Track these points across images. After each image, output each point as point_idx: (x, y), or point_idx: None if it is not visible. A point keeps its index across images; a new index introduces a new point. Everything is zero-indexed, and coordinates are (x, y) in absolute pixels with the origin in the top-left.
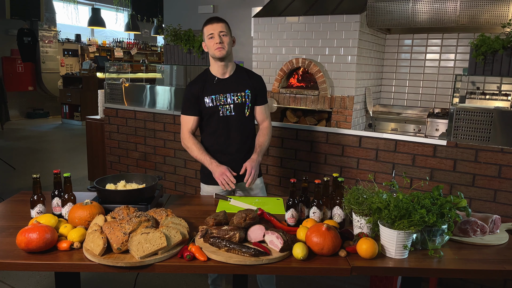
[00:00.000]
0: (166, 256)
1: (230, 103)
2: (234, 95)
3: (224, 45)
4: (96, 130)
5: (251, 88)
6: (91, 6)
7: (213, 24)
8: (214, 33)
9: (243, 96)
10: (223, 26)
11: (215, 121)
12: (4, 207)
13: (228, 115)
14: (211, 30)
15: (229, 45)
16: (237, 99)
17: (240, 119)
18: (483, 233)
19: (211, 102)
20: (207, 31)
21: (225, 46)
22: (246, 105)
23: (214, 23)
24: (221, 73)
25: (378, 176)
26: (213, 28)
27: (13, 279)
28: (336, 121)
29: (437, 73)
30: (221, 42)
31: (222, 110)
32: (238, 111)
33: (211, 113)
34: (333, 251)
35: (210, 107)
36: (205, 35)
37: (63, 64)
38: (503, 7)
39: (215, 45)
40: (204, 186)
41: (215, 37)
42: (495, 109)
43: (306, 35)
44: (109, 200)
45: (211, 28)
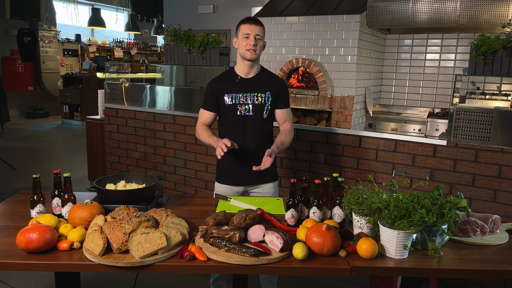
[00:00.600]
0: (166, 256)
1: (249, 103)
2: (254, 95)
3: (257, 48)
4: (96, 130)
5: (272, 90)
6: (91, 6)
7: (251, 25)
8: (251, 34)
9: (263, 97)
10: (260, 30)
11: (233, 119)
12: (4, 207)
13: (246, 114)
14: (248, 30)
15: (260, 49)
16: (256, 100)
17: (258, 120)
18: (483, 233)
19: (230, 100)
20: (243, 30)
21: (257, 50)
22: (265, 107)
23: (253, 24)
24: (245, 72)
25: (378, 176)
26: (251, 29)
27: (13, 279)
28: (336, 121)
29: (437, 73)
30: (255, 45)
31: (240, 109)
32: (257, 112)
33: (229, 111)
34: (333, 251)
35: (228, 105)
36: (240, 32)
37: (63, 64)
38: (503, 7)
39: (248, 46)
40: (218, 185)
41: (250, 38)
42: (495, 109)
43: (306, 35)
44: (109, 200)
45: (248, 28)
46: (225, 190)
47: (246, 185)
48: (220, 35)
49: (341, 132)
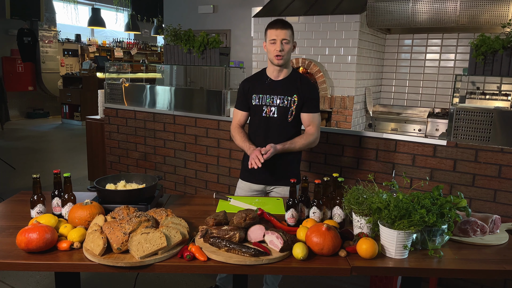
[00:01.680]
0: (166, 256)
1: (275, 105)
2: (281, 98)
3: (284, 53)
4: (96, 130)
5: (299, 94)
6: (91, 6)
7: (277, 29)
8: (277, 40)
9: (289, 100)
10: (287, 34)
11: (258, 120)
12: (4, 207)
13: (270, 116)
14: (274, 35)
15: (288, 53)
16: (282, 103)
17: (282, 122)
18: (483, 233)
19: (257, 100)
20: (270, 35)
21: (284, 55)
22: (290, 110)
23: (279, 28)
24: (275, 75)
25: (378, 176)
26: (277, 34)
27: (13, 279)
28: (336, 121)
29: (437, 73)
30: (282, 50)
31: (266, 111)
32: (281, 114)
33: (256, 111)
34: (333, 251)
35: (255, 106)
36: (267, 37)
37: (63, 64)
38: (503, 7)
39: (275, 52)
40: (240, 181)
41: (277, 43)
42: (495, 109)
43: (306, 35)
44: (109, 200)
45: (274, 33)
46: (245, 187)
47: (265, 184)
48: (220, 35)
49: (341, 132)
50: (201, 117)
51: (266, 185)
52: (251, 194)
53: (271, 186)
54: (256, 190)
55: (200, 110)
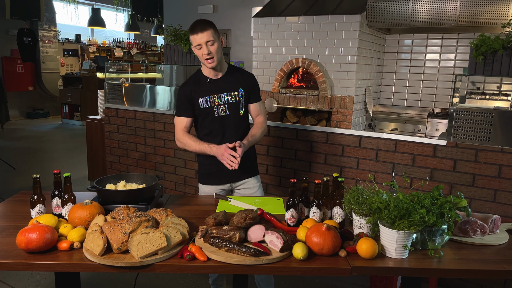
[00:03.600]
0: (166, 256)
1: (225, 102)
2: (228, 94)
3: (213, 54)
4: (96, 130)
5: (244, 86)
6: (91, 6)
7: (198, 34)
8: (201, 44)
9: (236, 95)
10: (209, 34)
11: (210, 121)
12: (4, 207)
13: (223, 115)
14: (198, 41)
15: (218, 52)
16: (231, 99)
17: (235, 118)
18: (483, 233)
19: (205, 103)
20: (193, 41)
21: (214, 56)
22: (240, 104)
23: (199, 32)
24: (213, 74)
25: (378, 176)
26: (199, 38)
27: (13, 279)
28: (336, 121)
29: (437, 73)
30: (210, 53)
31: (217, 111)
32: (233, 111)
33: (206, 113)
34: (333, 251)
35: (204, 108)
36: (192, 44)
37: (63, 64)
38: (503, 7)
39: (204, 56)
40: (202, 186)
41: (203, 48)
42: (495, 109)
43: (306, 35)
44: (109, 200)
45: (197, 38)
46: (211, 191)
47: (230, 182)
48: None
49: (341, 132)
50: None
51: (231, 183)
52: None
53: (235, 183)
54: (223, 190)
55: None
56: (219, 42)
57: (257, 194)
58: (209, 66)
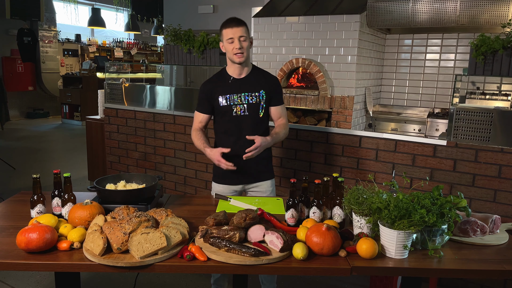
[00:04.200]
0: (166, 256)
1: (244, 103)
2: (249, 95)
3: (244, 50)
4: (96, 130)
5: (266, 88)
6: (91, 6)
7: (233, 28)
8: (234, 38)
9: (257, 96)
10: (243, 30)
11: (228, 120)
12: (4, 207)
13: (241, 115)
14: (231, 34)
15: (247, 49)
16: (251, 99)
17: (253, 119)
18: (483, 233)
19: (225, 101)
20: (226, 34)
21: (244, 51)
22: (260, 106)
23: (234, 27)
24: (237, 73)
25: (378, 176)
26: (233, 32)
27: (13, 279)
28: (336, 121)
29: (437, 73)
30: (241, 47)
31: (236, 110)
32: (252, 112)
33: (224, 112)
34: (333, 251)
35: (224, 106)
36: (223, 37)
37: (63, 64)
38: (503, 7)
39: (235, 50)
40: (215, 185)
41: (235, 42)
42: (495, 109)
43: (306, 35)
44: (109, 200)
45: (230, 32)
46: (223, 190)
47: (244, 183)
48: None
49: (341, 132)
50: None
51: (244, 184)
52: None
53: (249, 185)
54: (235, 191)
55: None
56: (249, 41)
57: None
58: (237, 60)
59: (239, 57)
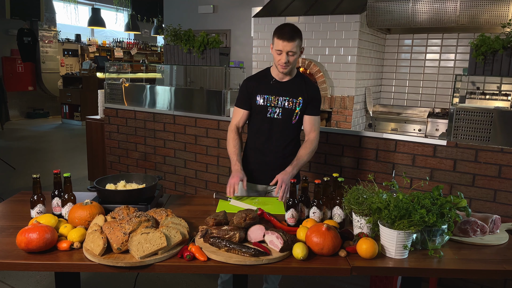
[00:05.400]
0: (166, 256)
1: (280, 106)
2: (286, 100)
3: (289, 64)
4: (96, 130)
5: (304, 96)
6: (91, 6)
7: (284, 41)
8: (283, 51)
9: (294, 102)
10: (294, 45)
11: (261, 120)
12: (4, 207)
13: (275, 117)
14: (281, 47)
15: (294, 62)
16: (287, 104)
17: (285, 124)
18: (483, 233)
19: (262, 101)
20: (276, 45)
21: (289, 65)
22: (295, 112)
23: (286, 41)
24: (280, 76)
25: (378, 176)
26: (283, 46)
27: (13, 279)
28: (336, 121)
29: (437, 73)
30: (287, 62)
31: (271, 111)
32: (286, 116)
33: (259, 111)
34: (333, 251)
35: (260, 106)
36: (274, 44)
37: (63, 64)
38: (503, 7)
39: (280, 63)
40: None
41: (282, 55)
42: (495, 109)
43: (306, 35)
44: (109, 200)
45: (281, 44)
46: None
47: (267, 184)
48: (220, 35)
49: (341, 132)
50: (201, 117)
51: (268, 185)
52: (252, 194)
53: (272, 187)
54: (257, 191)
55: (200, 110)
56: (299, 53)
57: None
58: (281, 71)
59: (283, 68)
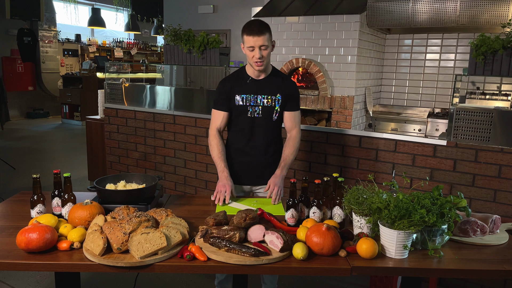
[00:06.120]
0: (166, 256)
1: (260, 104)
2: (265, 97)
3: (264, 59)
4: (96, 130)
5: (283, 92)
6: (91, 6)
7: (254, 36)
8: (255, 47)
9: (273, 99)
10: (265, 39)
11: (242, 120)
12: (4, 207)
13: (255, 116)
14: (252, 43)
15: (268, 56)
16: (267, 102)
17: (266, 122)
18: (483, 233)
19: (241, 101)
20: (247, 42)
21: (264, 60)
22: (275, 109)
23: (256, 36)
24: (256, 75)
25: (378, 176)
26: (254, 41)
27: (13, 279)
28: (336, 121)
29: (437, 73)
30: (261, 57)
31: (251, 111)
32: (266, 114)
33: (240, 112)
34: (333, 251)
35: (239, 106)
36: (244, 43)
37: (63, 64)
38: (503, 7)
39: (255, 59)
40: None
41: (255, 51)
42: (495, 109)
43: (306, 35)
44: (109, 200)
45: (252, 40)
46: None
47: (252, 184)
48: (220, 35)
49: (341, 132)
50: (201, 117)
51: (252, 185)
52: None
53: (256, 187)
54: (242, 190)
55: (200, 110)
56: (271, 47)
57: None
58: (257, 68)
59: (258, 65)
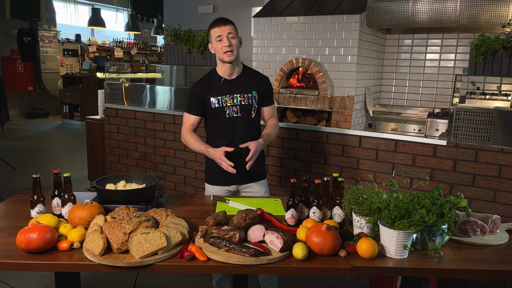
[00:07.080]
0: (166, 256)
1: (237, 104)
2: (241, 96)
3: (233, 47)
4: (96, 130)
5: (257, 89)
6: (91, 6)
7: (221, 26)
8: (223, 35)
9: (249, 97)
10: (231, 28)
11: (221, 122)
12: (4, 207)
13: (234, 116)
14: (219, 32)
15: (237, 47)
16: (243, 100)
17: (246, 120)
18: (483, 233)
19: (217, 103)
20: (214, 33)
21: (234, 49)
22: (253, 107)
23: (222, 25)
24: (228, 74)
25: (378, 176)
26: (221, 30)
27: (13, 279)
28: (336, 121)
29: (437, 73)
30: (230, 45)
31: (229, 112)
32: (245, 113)
33: (217, 114)
34: (333, 251)
35: (216, 108)
36: (212, 37)
37: (63, 64)
38: (503, 7)
39: (224, 48)
40: (209, 186)
41: (223, 39)
42: (495, 109)
43: (306, 35)
44: (109, 200)
45: (219, 30)
46: (217, 191)
47: (237, 184)
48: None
49: (341, 132)
50: None
51: (238, 184)
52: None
53: (242, 186)
54: (228, 191)
55: None
56: (238, 39)
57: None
58: (227, 59)
59: (229, 55)
